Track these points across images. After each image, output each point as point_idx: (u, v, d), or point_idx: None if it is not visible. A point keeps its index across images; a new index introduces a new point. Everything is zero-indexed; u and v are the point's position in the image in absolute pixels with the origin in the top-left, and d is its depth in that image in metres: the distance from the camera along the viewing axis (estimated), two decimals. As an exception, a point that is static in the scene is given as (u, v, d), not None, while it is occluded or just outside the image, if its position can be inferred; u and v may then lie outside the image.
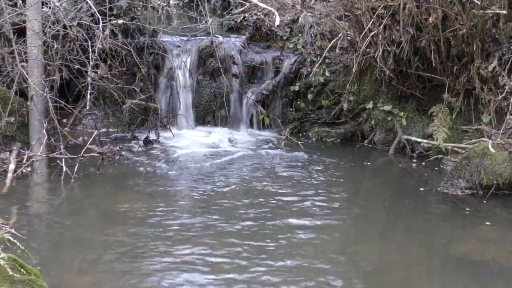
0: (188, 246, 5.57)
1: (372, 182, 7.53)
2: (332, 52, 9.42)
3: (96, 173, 7.37)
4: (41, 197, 6.96)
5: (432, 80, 8.48)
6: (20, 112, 7.79)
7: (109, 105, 8.93)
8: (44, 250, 5.49)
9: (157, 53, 9.14)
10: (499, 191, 6.82)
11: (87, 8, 8.33)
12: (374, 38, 8.38)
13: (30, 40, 7.65)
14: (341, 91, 9.20)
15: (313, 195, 6.91)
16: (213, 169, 7.70)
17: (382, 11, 8.26)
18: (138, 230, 5.87)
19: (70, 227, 5.99)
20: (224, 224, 6.05)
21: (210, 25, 9.56)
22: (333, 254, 5.55)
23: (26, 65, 7.64)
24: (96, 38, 8.06)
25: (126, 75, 8.82)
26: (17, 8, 8.09)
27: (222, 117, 9.36)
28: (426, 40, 8.00)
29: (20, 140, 7.73)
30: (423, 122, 8.54)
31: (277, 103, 9.42)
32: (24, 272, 3.50)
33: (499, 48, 7.92)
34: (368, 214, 6.62)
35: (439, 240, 5.92)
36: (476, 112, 8.18)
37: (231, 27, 10.12)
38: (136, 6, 9.13)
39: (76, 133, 8.46)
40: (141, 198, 6.70)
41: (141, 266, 5.22)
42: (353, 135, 9.11)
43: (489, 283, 5.19)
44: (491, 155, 6.86)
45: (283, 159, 8.16)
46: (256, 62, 9.52)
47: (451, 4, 7.76)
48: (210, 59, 9.35)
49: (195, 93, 9.34)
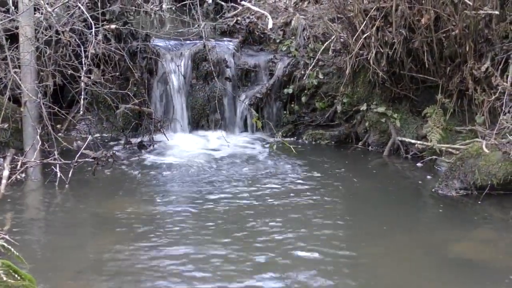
0: (183, 250, 5.56)
1: (366, 183, 7.52)
2: (325, 55, 9.42)
3: (90, 178, 7.36)
4: (35, 203, 6.95)
5: (425, 81, 8.49)
6: (14, 118, 7.78)
7: (103, 110, 8.92)
8: (38, 255, 5.48)
9: (150, 57, 9.13)
10: (494, 191, 6.83)
11: (80, 13, 8.31)
12: (367, 40, 8.39)
13: (22, 46, 7.63)
14: (334, 93, 9.20)
15: (307, 197, 6.92)
16: (207, 173, 7.70)
17: (374, 12, 8.27)
18: (132, 235, 5.87)
19: (65, 233, 5.99)
20: (219, 228, 6.04)
21: (203, 29, 9.54)
22: (328, 256, 5.55)
23: (19, 71, 7.62)
24: (89, 43, 8.03)
25: (119, 80, 8.80)
26: (9, 14, 8.07)
27: (216, 121, 9.35)
28: (419, 41, 8.02)
29: (14, 146, 7.71)
30: (417, 124, 8.55)
31: (271, 106, 9.41)
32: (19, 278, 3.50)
33: (492, 49, 7.94)
34: (362, 215, 6.62)
35: (434, 240, 5.92)
36: (470, 112, 8.19)
37: (224, 31, 10.12)
38: (129, 11, 9.10)
39: (70, 138, 8.46)
40: (135, 203, 6.69)
41: (136, 271, 5.21)
42: (347, 137, 9.12)
43: (483, 283, 5.20)
44: (485, 155, 6.87)
45: (276, 162, 8.16)
46: (250, 65, 9.52)
47: (444, 5, 7.78)
48: (203, 63, 9.35)
49: (189, 97, 9.33)
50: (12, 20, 8.00)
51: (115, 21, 8.77)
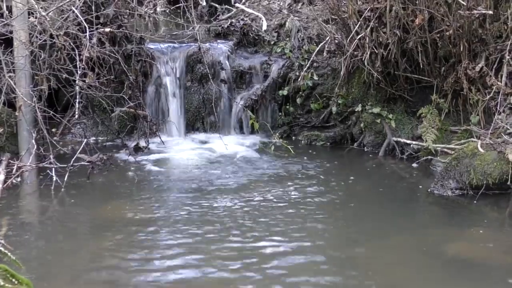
0: (180, 254, 5.56)
1: (362, 184, 7.53)
2: (320, 56, 9.44)
3: (86, 182, 7.36)
4: (31, 207, 6.93)
5: (420, 82, 8.51)
6: (9, 123, 7.77)
7: (98, 114, 8.92)
8: (35, 259, 5.46)
9: (144, 60, 9.14)
10: (489, 191, 6.84)
11: (74, 17, 8.31)
12: (361, 41, 8.40)
13: (17, 51, 7.63)
14: (329, 94, 9.22)
15: (303, 198, 6.92)
16: (203, 176, 7.69)
17: (368, 13, 8.29)
18: (129, 239, 5.86)
19: (61, 237, 5.98)
20: (215, 232, 6.02)
21: (197, 32, 9.55)
22: (325, 257, 5.55)
23: (13, 75, 7.61)
24: (83, 47, 8.04)
25: (114, 83, 8.79)
26: (3, 19, 8.06)
27: (211, 123, 9.36)
28: (413, 41, 8.04)
29: (9, 151, 7.70)
30: (412, 124, 8.57)
31: (266, 108, 9.42)
32: (16, 282, 3.49)
33: (486, 48, 7.95)
34: (358, 216, 6.62)
35: (430, 240, 5.93)
36: (465, 112, 8.21)
37: (219, 33, 10.12)
38: (123, 14, 9.10)
39: (66, 142, 8.45)
40: (131, 206, 6.68)
41: (133, 274, 5.20)
42: (342, 138, 9.13)
43: (480, 282, 5.20)
44: (481, 155, 6.88)
45: (272, 163, 8.16)
46: (244, 67, 9.53)
47: (437, 5, 7.80)
48: (198, 65, 9.36)
49: (184, 100, 9.34)
50: (6, 24, 7.99)
51: (109, 24, 8.77)
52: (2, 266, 3.52)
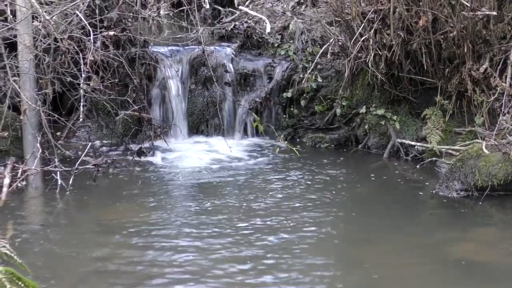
0: (185, 257, 5.55)
1: (367, 186, 7.53)
2: (323, 58, 9.45)
3: (91, 185, 7.36)
4: (36, 211, 6.94)
5: (424, 83, 8.50)
6: (14, 127, 7.78)
7: (103, 117, 8.92)
8: (40, 263, 5.46)
9: (148, 63, 9.14)
10: (494, 192, 6.83)
11: (78, 20, 8.32)
12: (365, 43, 8.40)
13: (21, 55, 7.64)
14: (333, 96, 9.22)
15: (309, 199, 6.92)
16: (208, 178, 7.69)
17: (372, 15, 8.29)
18: (134, 242, 5.86)
19: (66, 240, 5.98)
20: (220, 235, 6.03)
21: (201, 34, 9.56)
22: (330, 258, 5.56)
23: (18, 79, 7.61)
24: (87, 50, 8.04)
25: (118, 86, 8.78)
26: (7, 23, 8.07)
27: (216, 126, 9.36)
28: (417, 43, 8.03)
29: (14, 154, 7.71)
30: (417, 125, 8.57)
31: (271, 110, 9.43)
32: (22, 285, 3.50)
33: (490, 49, 7.94)
34: (363, 217, 6.62)
35: (435, 242, 5.92)
36: (469, 114, 8.20)
37: (222, 36, 10.12)
38: (127, 17, 9.11)
39: (70, 145, 8.45)
40: (136, 209, 6.69)
41: (138, 278, 5.21)
42: (347, 140, 9.13)
43: (485, 284, 5.20)
44: (485, 156, 6.87)
45: (277, 165, 8.16)
46: (248, 69, 9.54)
47: (441, 6, 7.79)
48: (202, 68, 9.37)
49: (188, 103, 9.35)
50: (11, 28, 8.00)
51: (113, 28, 8.77)
52: (8, 269, 3.53)
